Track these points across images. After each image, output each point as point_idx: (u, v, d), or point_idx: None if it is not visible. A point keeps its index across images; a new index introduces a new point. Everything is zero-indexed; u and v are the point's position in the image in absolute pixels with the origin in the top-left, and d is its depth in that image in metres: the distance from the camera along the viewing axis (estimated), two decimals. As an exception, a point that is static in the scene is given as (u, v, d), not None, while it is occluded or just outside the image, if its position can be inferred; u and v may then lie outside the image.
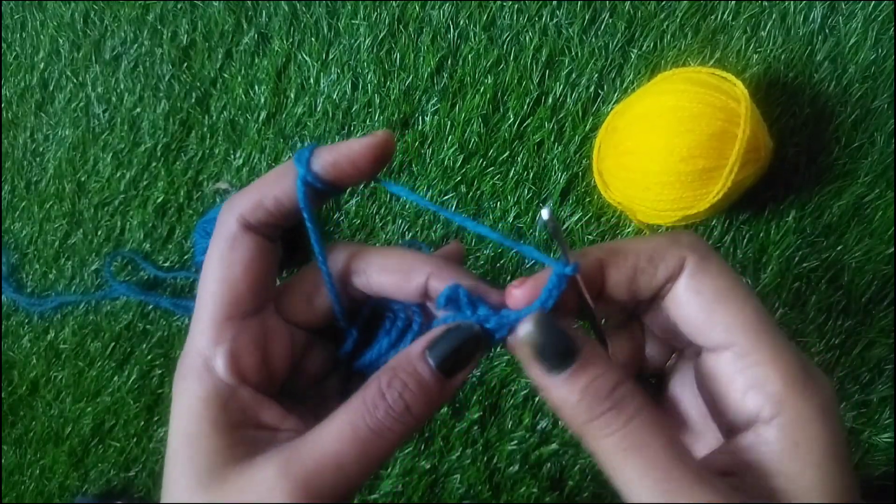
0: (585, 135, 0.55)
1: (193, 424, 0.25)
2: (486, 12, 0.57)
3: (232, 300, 0.26)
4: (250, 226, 0.26)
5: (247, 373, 0.26)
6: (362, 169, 0.26)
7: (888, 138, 0.51)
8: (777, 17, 0.53)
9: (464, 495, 0.55)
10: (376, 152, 0.26)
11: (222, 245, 0.26)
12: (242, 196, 0.26)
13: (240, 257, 0.26)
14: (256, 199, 0.26)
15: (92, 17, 0.65)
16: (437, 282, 0.27)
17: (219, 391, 0.25)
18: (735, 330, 0.23)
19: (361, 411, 0.24)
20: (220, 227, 0.26)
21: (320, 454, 0.23)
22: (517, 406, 0.55)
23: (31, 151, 0.66)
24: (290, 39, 0.61)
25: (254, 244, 0.26)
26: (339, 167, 0.26)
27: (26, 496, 0.64)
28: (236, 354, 0.26)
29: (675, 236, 0.25)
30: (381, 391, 0.24)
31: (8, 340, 0.65)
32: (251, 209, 0.26)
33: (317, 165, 0.26)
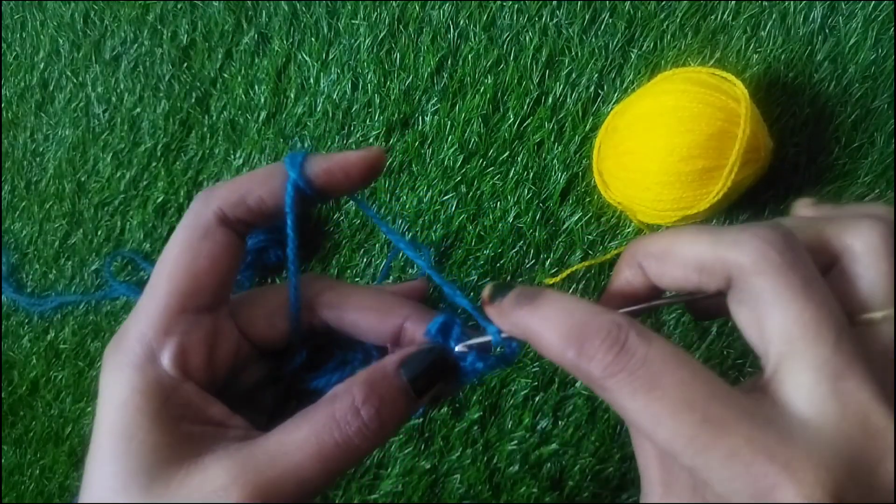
0: (585, 135, 0.55)
1: (130, 417, 0.23)
2: (486, 12, 0.57)
3: (191, 292, 0.25)
4: (227, 220, 0.25)
5: (192, 369, 0.25)
6: (353, 180, 0.26)
7: (888, 138, 0.51)
8: (777, 17, 0.53)
9: (464, 495, 0.55)
10: (369, 165, 0.26)
11: (192, 233, 0.25)
12: (223, 189, 0.26)
13: (209, 249, 0.25)
14: (240, 194, 0.25)
15: (92, 17, 0.65)
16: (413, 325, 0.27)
17: (162, 384, 0.24)
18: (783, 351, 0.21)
19: (329, 426, 0.23)
20: (192, 215, 0.25)
21: (281, 464, 0.22)
22: (517, 406, 0.55)
23: (31, 151, 0.66)
24: (290, 39, 0.61)
25: (225, 239, 0.25)
26: (332, 175, 0.26)
27: (26, 496, 0.64)
28: (185, 349, 0.24)
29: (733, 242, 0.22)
30: (355, 407, 0.23)
31: (8, 340, 0.65)
32: (232, 204, 0.25)
33: (309, 171, 0.25)
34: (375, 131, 0.58)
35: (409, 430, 0.56)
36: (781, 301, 0.21)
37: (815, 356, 0.20)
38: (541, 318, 0.23)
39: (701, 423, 0.20)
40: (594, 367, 0.22)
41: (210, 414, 0.24)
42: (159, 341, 0.24)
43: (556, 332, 0.23)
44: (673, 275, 0.24)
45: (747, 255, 0.22)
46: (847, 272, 0.23)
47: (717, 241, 0.23)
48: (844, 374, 0.20)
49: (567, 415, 0.54)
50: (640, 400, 0.21)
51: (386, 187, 0.58)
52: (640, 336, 0.22)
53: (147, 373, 0.24)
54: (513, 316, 0.24)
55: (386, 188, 0.58)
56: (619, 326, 0.22)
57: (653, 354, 0.21)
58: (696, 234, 0.24)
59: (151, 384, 0.23)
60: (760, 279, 0.22)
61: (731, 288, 0.23)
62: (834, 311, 0.21)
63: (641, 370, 0.21)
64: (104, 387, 0.24)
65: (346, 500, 0.57)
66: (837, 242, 0.23)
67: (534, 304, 0.24)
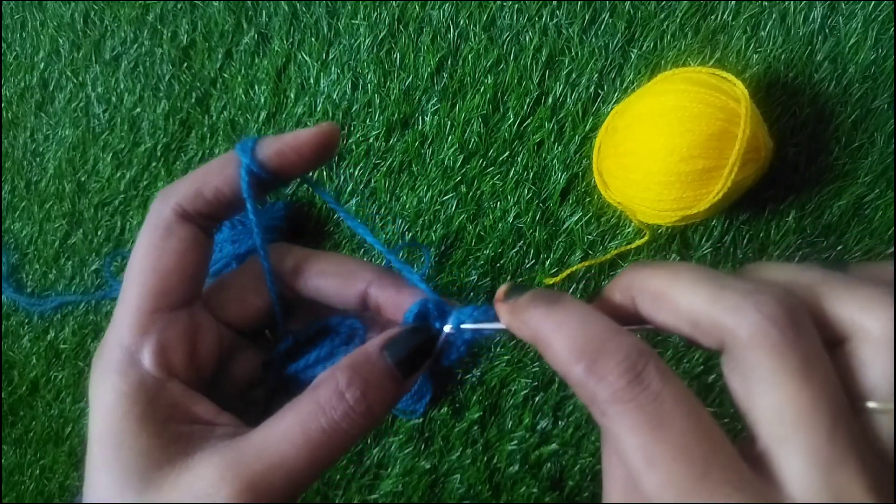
0: (585, 135, 0.55)
1: (118, 422, 0.23)
2: (486, 12, 0.57)
3: (161, 290, 0.25)
4: (187, 215, 0.25)
5: (175, 367, 0.24)
6: (307, 158, 0.25)
7: (888, 138, 0.51)
8: (777, 17, 0.53)
9: (464, 495, 0.55)
10: (322, 142, 0.25)
11: (154, 233, 0.25)
12: (180, 184, 0.25)
13: (173, 247, 0.25)
14: (196, 187, 0.25)
15: (92, 17, 0.65)
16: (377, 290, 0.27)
17: (145, 385, 0.23)
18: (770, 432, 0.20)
19: (314, 413, 0.23)
20: (153, 216, 0.25)
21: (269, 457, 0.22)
22: (517, 406, 0.55)
23: (31, 151, 0.66)
24: (290, 39, 0.61)
25: (189, 234, 0.25)
26: (284, 156, 0.25)
27: (26, 496, 0.64)
28: (164, 347, 0.24)
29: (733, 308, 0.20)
30: (340, 391, 0.23)
31: (8, 340, 0.65)
32: (190, 198, 0.25)
33: (261, 154, 0.25)
34: (375, 131, 0.58)
35: (409, 430, 0.56)
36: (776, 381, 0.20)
37: (808, 443, 0.19)
38: (555, 322, 0.22)
39: (698, 480, 0.19)
40: (602, 389, 0.20)
41: (197, 412, 0.24)
42: (137, 343, 0.24)
43: (568, 341, 0.21)
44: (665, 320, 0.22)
45: (745, 328, 0.20)
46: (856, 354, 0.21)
47: (715, 299, 0.21)
48: (838, 466, 0.19)
49: (567, 415, 0.54)
50: (641, 437, 0.19)
51: (386, 187, 0.58)
52: (658, 370, 0.20)
53: (129, 376, 0.24)
54: (525, 314, 0.23)
55: (386, 188, 0.58)
56: (639, 353, 0.20)
57: (667, 393, 0.20)
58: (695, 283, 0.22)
59: (135, 387, 0.23)
60: (755, 354, 0.20)
61: (724, 352, 0.22)
62: (833, 396, 0.20)
63: (652, 406, 0.20)
64: (92, 395, 0.24)
65: (346, 500, 0.57)
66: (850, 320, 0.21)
67: (550, 307, 0.23)
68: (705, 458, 0.19)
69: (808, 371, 0.20)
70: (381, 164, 0.58)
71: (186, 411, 0.24)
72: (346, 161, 0.59)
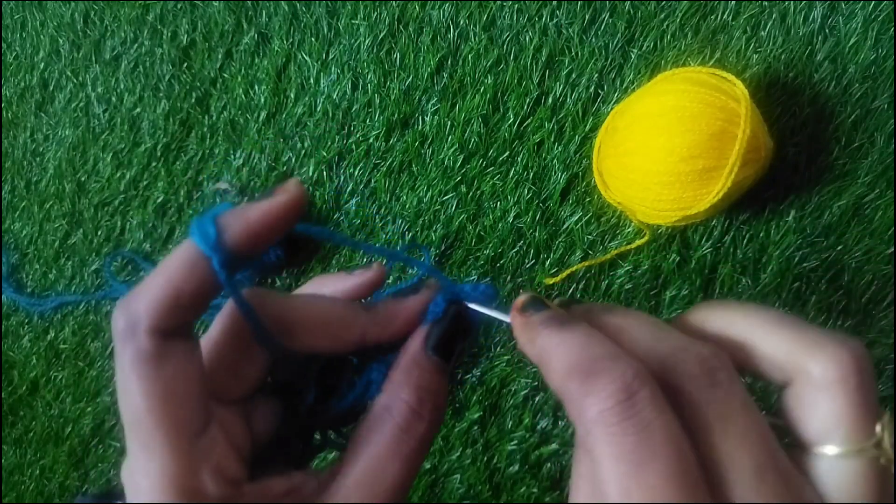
0: (585, 135, 0.55)
1: None
2: (486, 12, 0.57)
3: (186, 424, 0.22)
4: (168, 332, 0.21)
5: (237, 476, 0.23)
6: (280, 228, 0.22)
7: (888, 138, 0.51)
8: (777, 17, 0.53)
9: (464, 495, 0.55)
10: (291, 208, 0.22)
11: (144, 367, 0.21)
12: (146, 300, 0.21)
13: (174, 375, 0.21)
14: (169, 301, 0.21)
15: (92, 17, 0.65)
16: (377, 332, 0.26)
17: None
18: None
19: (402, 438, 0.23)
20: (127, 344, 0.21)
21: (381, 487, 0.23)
22: (517, 406, 0.55)
23: (31, 151, 0.66)
24: (290, 39, 0.61)
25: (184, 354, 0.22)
26: (255, 236, 0.22)
27: (26, 496, 0.64)
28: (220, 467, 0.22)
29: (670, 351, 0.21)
30: (415, 410, 0.24)
31: (8, 340, 0.65)
32: (167, 315, 0.21)
33: (230, 243, 0.21)
34: (375, 131, 0.58)
35: (409, 430, 0.56)
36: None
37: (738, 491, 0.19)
38: (560, 339, 0.22)
39: None
40: (590, 405, 0.20)
41: (276, 492, 0.24)
42: (195, 481, 0.22)
43: (567, 357, 0.21)
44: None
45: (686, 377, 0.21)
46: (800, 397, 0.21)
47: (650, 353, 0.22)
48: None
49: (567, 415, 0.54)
50: (621, 469, 0.19)
51: (386, 187, 0.58)
52: (654, 399, 0.19)
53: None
54: (534, 333, 0.23)
55: (386, 188, 0.58)
56: (638, 377, 0.20)
57: (657, 426, 0.19)
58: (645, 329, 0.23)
59: None
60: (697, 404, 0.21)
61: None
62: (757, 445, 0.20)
63: (639, 435, 0.19)
64: None
65: (346, 500, 0.57)
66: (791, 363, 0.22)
67: (560, 327, 0.22)
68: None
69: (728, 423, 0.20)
70: (381, 164, 0.58)
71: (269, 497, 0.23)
72: (346, 161, 0.59)
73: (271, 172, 0.60)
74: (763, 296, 0.52)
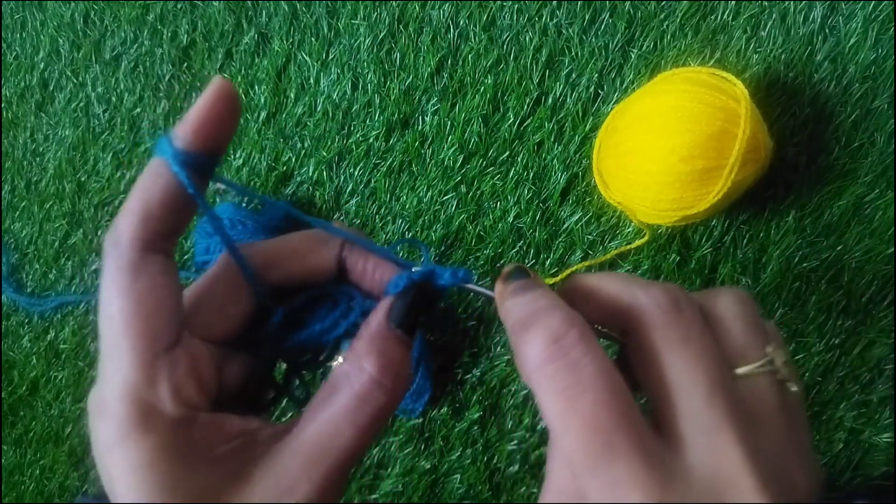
0: (585, 135, 0.55)
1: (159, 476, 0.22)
2: (486, 12, 0.57)
3: (154, 334, 0.23)
4: (146, 245, 0.23)
5: (192, 402, 0.24)
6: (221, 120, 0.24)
7: (888, 138, 0.51)
8: (777, 17, 0.53)
9: (464, 495, 0.55)
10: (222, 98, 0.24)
11: (121, 278, 0.23)
12: (124, 217, 0.23)
13: (148, 286, 0.23)
14: (141, 211, 0.23)
15: (92, 17, 0.65)
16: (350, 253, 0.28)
17: (177, 430, 0.23)
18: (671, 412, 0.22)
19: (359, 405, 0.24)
20: (111, 259, 0.23)
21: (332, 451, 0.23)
22: (517, 406, 0.55)
23: (31, 151, 0.66)
24: (290, 39, 0.61)
25: (156, 267, 0.23)
26: (200, 131, 0.24)
27: (26, 496, 0.64)
28: (177, 388, 0.23)
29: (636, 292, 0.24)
30: (376, 379, 0.24)
31: (8, 340, 0.65)
32: (141, 224, 0.23)
33: (180, 143, 0.23)
34: (375, 131, 0.58)
35: (409, 430, 0.56)
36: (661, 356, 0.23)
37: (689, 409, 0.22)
38: (515, 301, 0.25)
39: (601, 446, 0.21)
40: (527, 354, 0.22)
41: (229, 429, 0.24)
42: (152, 393, 0.23)
43: (517, 315, 0.24)
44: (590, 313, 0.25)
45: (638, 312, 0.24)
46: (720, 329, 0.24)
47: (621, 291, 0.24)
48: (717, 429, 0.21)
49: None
50: (558, 404, 0.21)
51: (386, 187, 0.58)
52: (582, 340, 0.22)
53: (157, 427, 0.23)
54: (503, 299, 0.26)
55: (386, 188, 0.58)
56: (565, 323, 0.22)
57: (586, 362, 0.21)
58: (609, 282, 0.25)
59: (168, 436, 0.23)
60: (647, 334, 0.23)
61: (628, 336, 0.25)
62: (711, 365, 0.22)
63: (569, 373, 0.21)
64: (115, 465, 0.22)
65: (346, 500, 0.57)
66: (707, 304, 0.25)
67: (524, 292, 0.25)
68: (612, 427, 0.21)
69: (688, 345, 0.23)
70: (381, 164, 0.58)
71: (220, 433, 0.24)
72: (346, 161, 0.59)
73: (271, 172, 0.60)
74: (763, 296, 0.52)
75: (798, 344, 0.52)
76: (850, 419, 0.51)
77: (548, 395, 0.22)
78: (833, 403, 0.51)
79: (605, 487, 0.21)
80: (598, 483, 0.21)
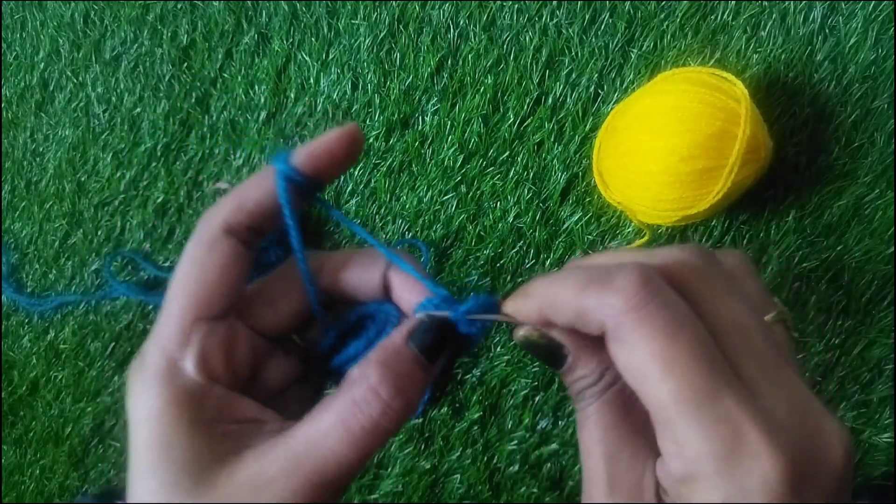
0: (585, 135, 0.55)
1: (166, 427, 0.23)
2: (486, 12, 0.57)
3: (203, 301, 0.25)
4: (230, 230, 0.26)
5: (216, 373, 0.25)
6: (339, 158, 0.26)
7: (888, 138, 0.51)
8: (777, 17, 0.53)
9: (464, 495, 0.55)
10: (350, 139, 0.26)
11: (198, 248, 0.26)
12: (224, 202, 0.26)
13: (216, 260, 0.26)
14: (237, 202, 0.26)
15: (92, 17, 0.65)
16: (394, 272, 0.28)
17: (191, 391, 0.24)
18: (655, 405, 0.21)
19: (353, 411, 0.24)
20: (200, 231, 0.26)
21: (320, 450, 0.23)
22: (517, 406, 0.55)
23: (31, 151, 0.66)
24: (290, 39, 0.61)
25: (231, 249, 0.26)
26: (317, 159, 0.26)
27: (26, 496, 0.64)
28: (205, 354, 0.25)
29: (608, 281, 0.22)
30: (373, 388, 0.24)
31: (8, 340, 0.65)
32: (232, 212, 0.26)
33: (295, 161, 0.26)
34: (375, 131, 0.58)
35: (409, 430, 0.56)
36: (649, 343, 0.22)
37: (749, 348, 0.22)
38: (557, 278, 0.24)
39: (708, 380, 0.20)
40: (616, 301, 0.21)
41: (242, 412, 0.25)
42: (180, 351, 0.25)
43: (574, 282, 0.23)
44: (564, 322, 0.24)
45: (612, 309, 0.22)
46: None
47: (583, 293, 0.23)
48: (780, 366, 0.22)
49: (567, 415, 0.54)
50: (658, 342, 0.21)
51: (386, 187, 0.58)
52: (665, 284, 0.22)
53: (175, 383, 0.24)
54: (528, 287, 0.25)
55: (386, 188, 0.58)
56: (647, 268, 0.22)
57: (677, 301, 0.21)
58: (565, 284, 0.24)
59: (181, 392, 0.24)
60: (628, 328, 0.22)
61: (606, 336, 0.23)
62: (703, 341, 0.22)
63: (666, 312, 0.21)
64: (135, 405, 0.24)
65: (346, 500, 0.57)
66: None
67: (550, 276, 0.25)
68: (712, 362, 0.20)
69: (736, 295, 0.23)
70: (381, 164, 0.58)
71: (232, 412, 0.25)
72: (346, 161, 0.59)
73: (271, 172, 0.60)
74: (763, 296, 0.52)
75: (798, 344, 0.52)
76: (850, 419, 0.51)
77: (642, 337, 0.21)
78: (833, 403, 0.51)
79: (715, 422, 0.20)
80: (706, 419, 0.20)
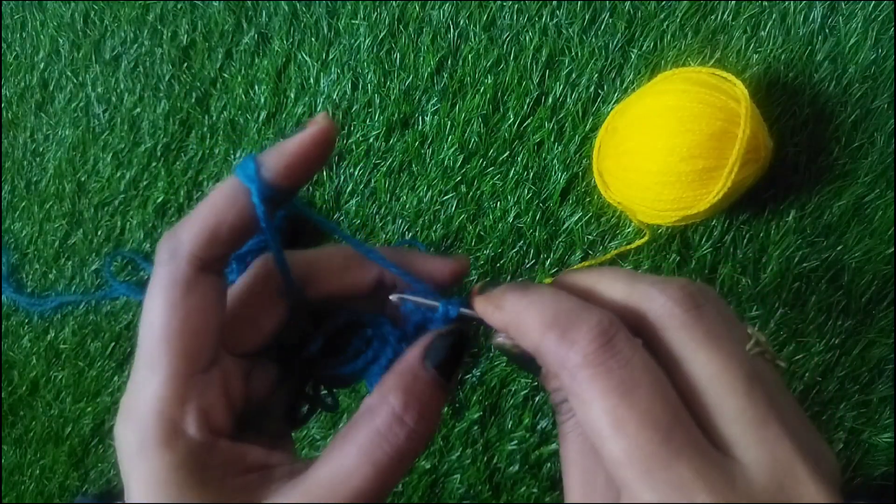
0: (585, 135, 0.55)
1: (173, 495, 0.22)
2: (486, 12, 0.57)
3: (194, 356, 0.23)
4: (204, 264, 0.23)
5: (218, 426, 0.24)
6: (313, 161, 0.24)
7: (888, 138, 0.51)
8: (777, 17, 0.53)
9: (464, 495, 0.55)
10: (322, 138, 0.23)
11: (173, 291, 0.23)
12: (189, 230, 0.23)
13: (197, 305, 0.23)
14: (210, 231, 0.23)
15: (92, 17, 0.65)
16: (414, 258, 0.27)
17: (195, 453, 0.22)
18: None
19: (378, 442, 0.22)
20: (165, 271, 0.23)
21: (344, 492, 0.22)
22: (517, 406, 0.55)
23: (31, 151, 0.66)
24: (290, 39, 0.61)
25: (209, 287, 0.23)
26: (292, 168, 0.23)
27: (26, 496, 0.64)
28: (206, 412, 0.23)
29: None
30: (398, 415, 0.23)
31: (8, 340, 0.65)
32: (206, 245, 0.23)
33: (267, 174, 0.23)
34: (375, 131, 0.58)
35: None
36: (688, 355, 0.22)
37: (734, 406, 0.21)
38: (528, 301, 0.23)
39: (661, 444, 0.19)
40: (574, 353, 0.21)
41: (250, 460, 0.24)
42: (178, 413, 0.23)
43: (541, 315, 0.22)
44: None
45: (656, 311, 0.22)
46: None
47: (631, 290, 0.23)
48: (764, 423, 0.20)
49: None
50: (610, 400, 0.20)
51: (386, 187, 0.58)
52: (628, 339, 0.21)
53: (178, 447, 0.22)
54: (499, 300, 0.24)
55: (386, 188, 0.58)
56: (610, 322, 0.21)
57: (637, 360, 0.21)
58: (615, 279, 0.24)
59: (185, 457, 0.22)
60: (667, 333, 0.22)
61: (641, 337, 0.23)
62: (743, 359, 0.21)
63: (622, 371, 0.20)
64: (133, 472, 0.22)
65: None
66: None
67: (524, 291, 0.24)
68: (669, 424, 0.20)
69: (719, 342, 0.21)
70: (381, 164, 0.58)
71: (239, 463, 0.23)
72: (346, 161, 0.59)
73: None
74: (763, 296, 0.52)
75: (798, 344, 0.52)
76: (850, 419, 0.51)
77: (596, 393, 0.20)
78: (833, 403, 0.51)
79: (668, 489, 0.19)
80: (660, 485, 0.19)
